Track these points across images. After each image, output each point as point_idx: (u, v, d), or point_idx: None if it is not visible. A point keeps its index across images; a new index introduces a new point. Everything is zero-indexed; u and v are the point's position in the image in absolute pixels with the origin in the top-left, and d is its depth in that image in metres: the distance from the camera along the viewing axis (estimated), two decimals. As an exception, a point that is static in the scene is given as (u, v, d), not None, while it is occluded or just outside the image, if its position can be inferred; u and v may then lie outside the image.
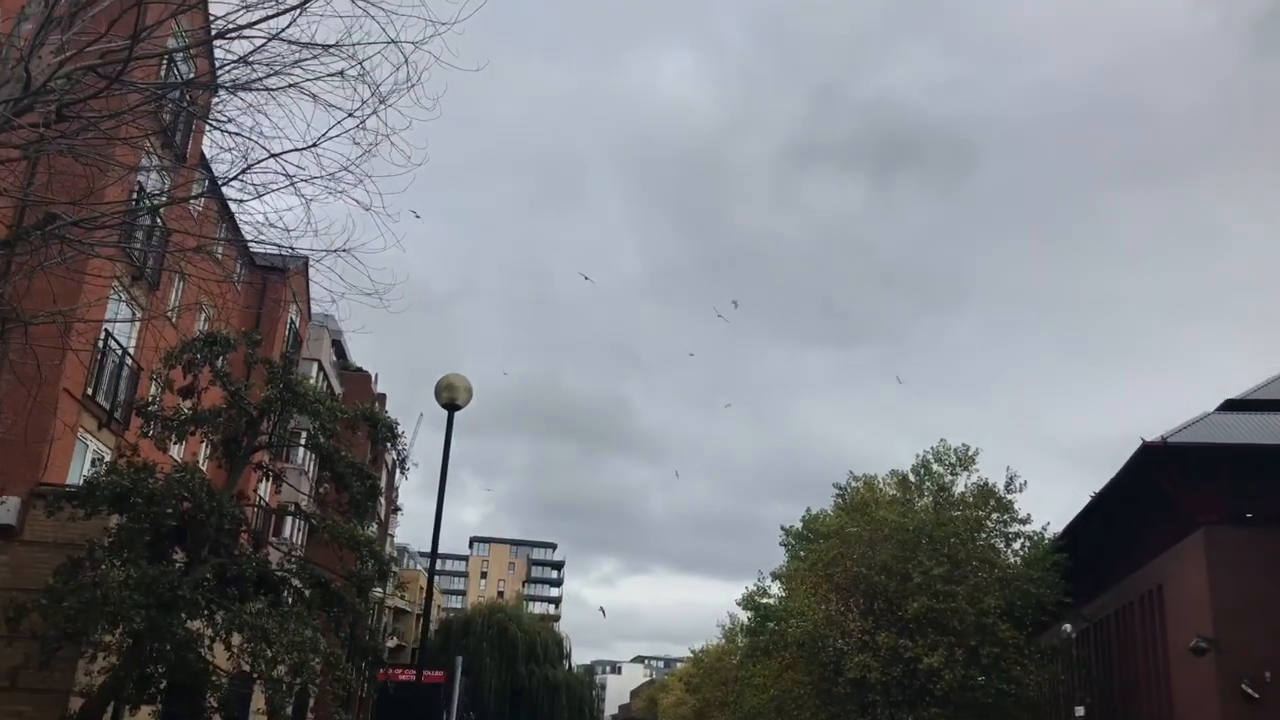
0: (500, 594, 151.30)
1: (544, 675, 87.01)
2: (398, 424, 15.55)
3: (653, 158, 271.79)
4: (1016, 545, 55.03)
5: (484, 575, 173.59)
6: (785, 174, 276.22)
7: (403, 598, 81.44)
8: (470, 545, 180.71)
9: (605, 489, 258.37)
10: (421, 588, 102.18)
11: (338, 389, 49.58)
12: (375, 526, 24.34)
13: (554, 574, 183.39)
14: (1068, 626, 49.24)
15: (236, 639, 13.05)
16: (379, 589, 21.37)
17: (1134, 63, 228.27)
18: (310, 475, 30.69)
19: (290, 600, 15.16)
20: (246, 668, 13.54)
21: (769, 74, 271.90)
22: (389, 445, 16.25)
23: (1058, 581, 50.71)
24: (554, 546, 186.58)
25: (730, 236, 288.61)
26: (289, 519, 16.86)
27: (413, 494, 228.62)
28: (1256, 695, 39.00)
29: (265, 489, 23.59)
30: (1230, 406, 46.59)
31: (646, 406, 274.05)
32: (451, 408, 14.67)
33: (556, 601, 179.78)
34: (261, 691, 13.91)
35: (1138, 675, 50.99)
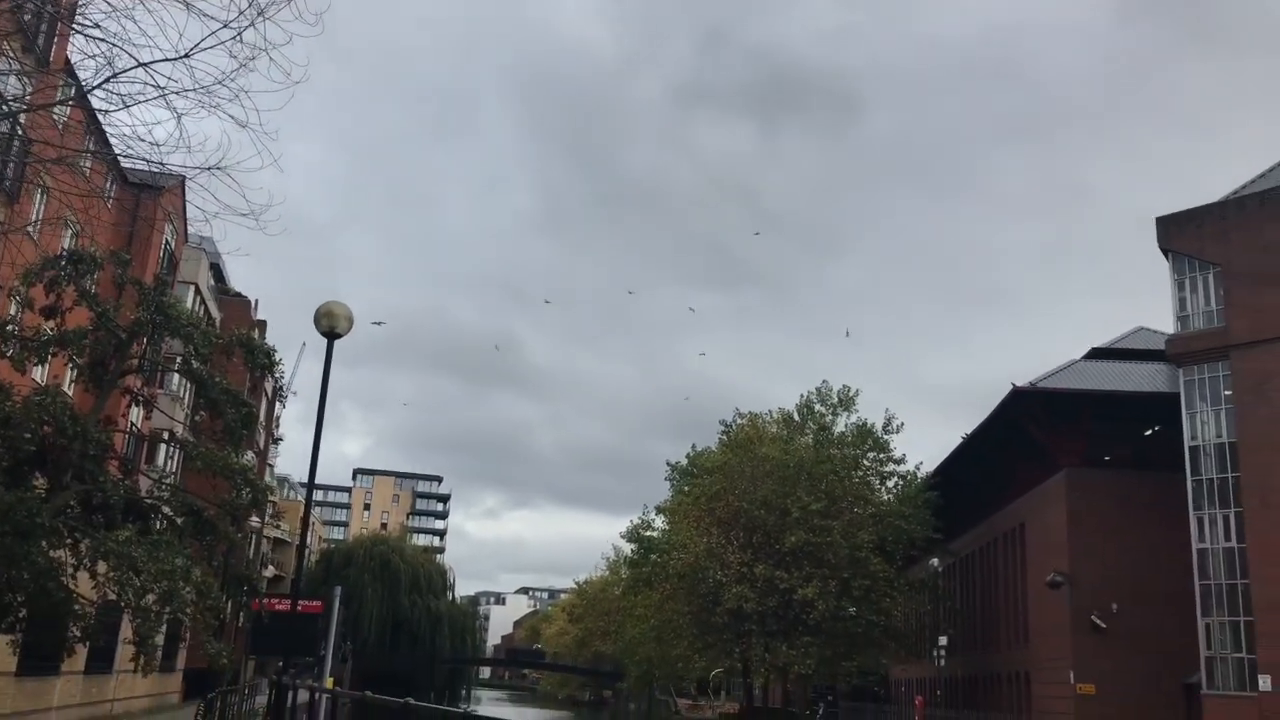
0: (384, 526, 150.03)
1: (427, 606, 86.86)
2: (275, 351, 15.09)
3: (548, 94, 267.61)
4: (891, 483, 57.01)
5: (367, 507, 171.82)
6: (676, 116, 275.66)
7: (279, 527, 79.99)
8: (354, 477, 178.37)
9: (491, 424, 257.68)
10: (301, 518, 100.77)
11: (215, 314, 47.90)
12: (252, 456, 23.80)
13: (439, 507, 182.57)
14: (935, 561, 51.47)
15: (103, 568, 12.63)
16: (255, 518, 20.91)
17: (1016, 23, 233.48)
18: (184, 402, 29.78)
19: (161, 528, 14.73)
20: (114, 597, 13.13)
21: (662, 15, 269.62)
22: (267, 373, 15.80)
23: (928, 518, 52.83)
24: (439, 480, 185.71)
25: (623, 176, 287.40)
26: (162, 446, 16.30)
27: (294, 425, 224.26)
28: (1104, 626, 41.59)
29: (137, 415, 22.75)
30: (1095, 355, 48.89)
31: (534, 343, 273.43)
32: (331, 336, 14.32)
33: (441, 534, 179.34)
34: (130, 621, 13.54)
35: (998, 607, 53.78)
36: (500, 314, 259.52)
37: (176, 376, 23.02)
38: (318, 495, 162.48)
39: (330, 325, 14.33)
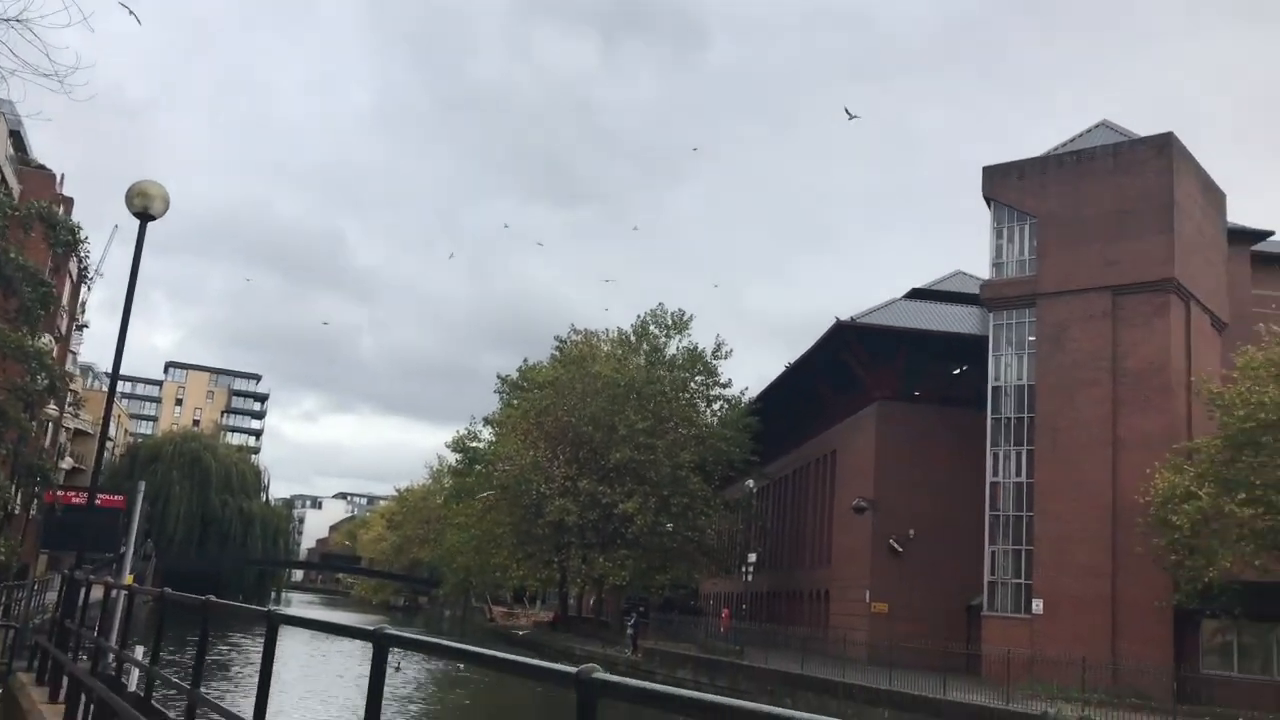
0: (196, 423, 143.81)
1: (239, 506, 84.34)
2: (80, 229, 13.97)
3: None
4: (715, 406, 58.64)
5: (179, 403, 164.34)
6: (520, 25, 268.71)
7: (78, 416, 75.59)
8: (165, 370, 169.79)
9: (313, 325, 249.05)
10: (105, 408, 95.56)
11: (14, 185, 44.15)
12: (51, 340, 22.21)
13: (256, 406, 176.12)
14: (750, 482, 53.34)
15: None
16: (52, 406, 19.52)
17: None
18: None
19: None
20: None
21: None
22: (70, 253, 14.65)
23: (747, 442, 54.69)
24: (258, 378, 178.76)
25: (465, 83, 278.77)
26: None
27: (101, 312, 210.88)
28: (900, 550, 44.26)
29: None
30: (915, 295, 51.09)
31: (362, 245, 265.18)
32: (144, 217, 13.36)
33: (258, 434, 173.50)
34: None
35: (805, 529, 56.43)
36: (329, 213, 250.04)
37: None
38: (124, 387, 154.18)
39: (144, 205, 13.38)
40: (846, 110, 43.76)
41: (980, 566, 38.88)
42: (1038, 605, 36.20)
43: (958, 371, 44.14)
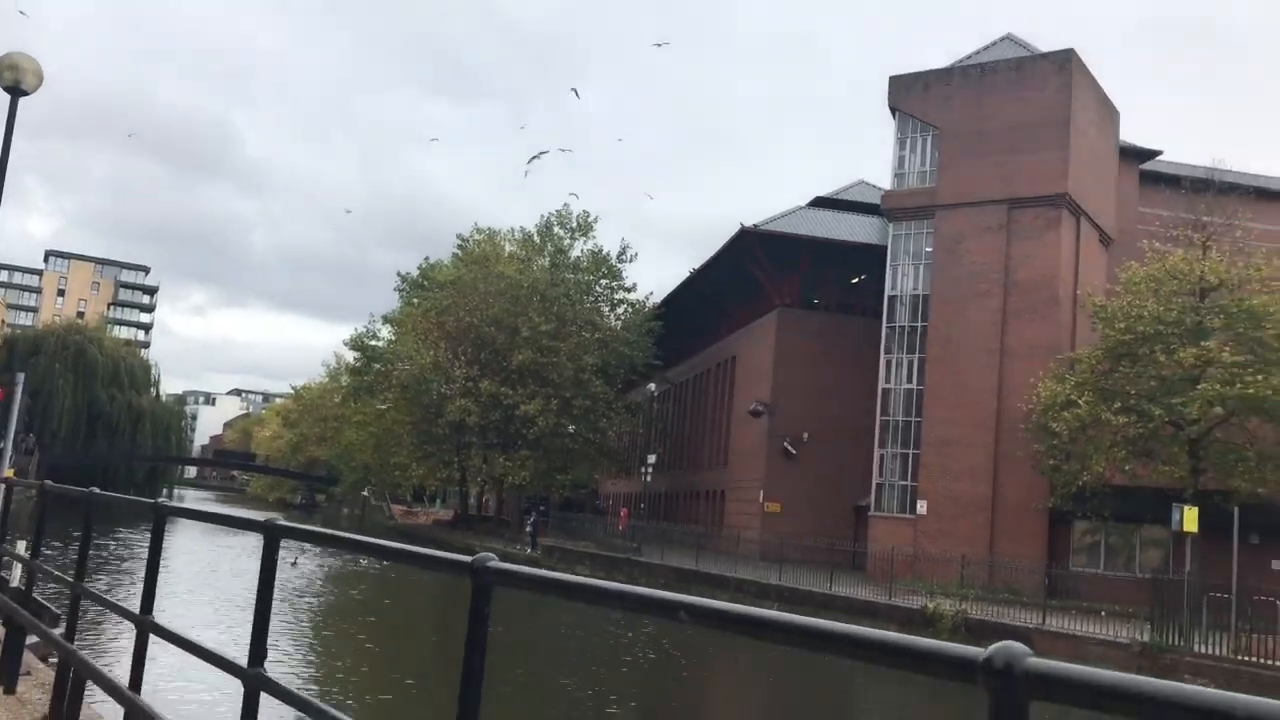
0: (81, 316, 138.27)
1: (127, 401, 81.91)
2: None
3: None
4: (620, 310, 58.73)
5: (61, 294, 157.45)
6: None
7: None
8: (45, 260, 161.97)
9: (201, 216, 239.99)
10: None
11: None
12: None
13: (145, 299, 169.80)
14: (652, 386, 53.93)
15: None
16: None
17: None
18: None
19: None
20: None
21: None
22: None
23: (650, 346, 55.09)
24: (146, 270, 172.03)
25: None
26: None
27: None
28: (794, 452, 45.47)
29: None
30: (818, 203, 51.56)
31: (253, 135, 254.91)
32: (15, 91, 12.54)
33: (147, 328, 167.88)
34: None
35: (704, 432, 57.47)
36: (217, 100, 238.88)
37: None
38: (0, 276, 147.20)
39: (14, 79, 12.54)
40: (657, 43, 43.12)
41: (869, 469, 40.21)
42: (922, 506, 37.70)
43: (856, 280, 44.90)
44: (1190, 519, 24.41)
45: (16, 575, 12.09)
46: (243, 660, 3.87)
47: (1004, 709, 1.48)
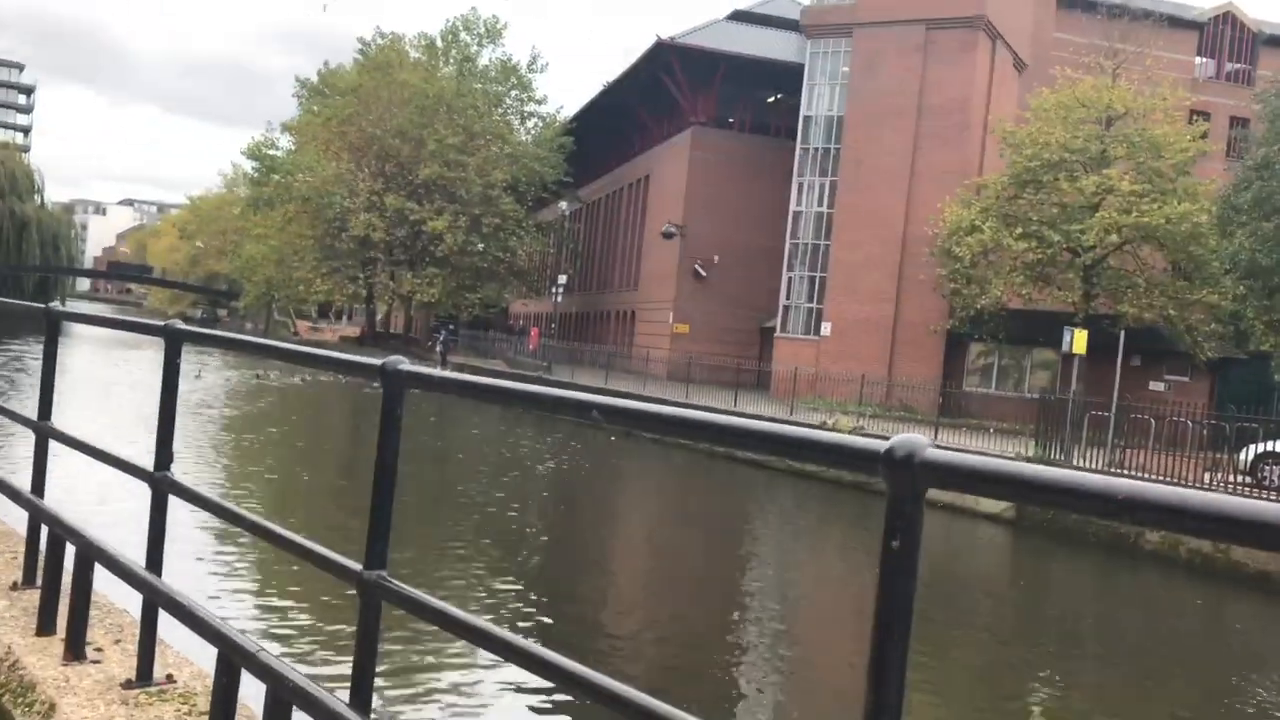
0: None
1: (10, 209, 78.00)
2: None
3: None
4: (530, 124, 57.23)
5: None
6: None
7: None
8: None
9: (66, 9, 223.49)
10: None
11: None
12: None
13: (21, 100, 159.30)
14: (564, 204, 53.33)
15: None
16: None
17: None
18: None
19: None
20: None
21: None
22: None
23: (561, 163, 54.04)
24: (20, 68, 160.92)
25: None
26: None
27: None
28: (704, 274, 45.82)
29: None
30: (738, 17, 50.15)
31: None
32: None
33: (26, 131, 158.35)
34: None
35: (616, 252, 57.36)
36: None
37: None
38: None
39: None
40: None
41: (777, 292, 40.82)
42: (826, 328, 38.62)
43: (773, 100, 44.34)
44: (1079, 341, 25.51)
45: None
46: (148, 466, 3.82)
47: (903, 498, 1.54)
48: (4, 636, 4.26)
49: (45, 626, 4.26)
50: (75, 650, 4.01)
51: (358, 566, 2.61)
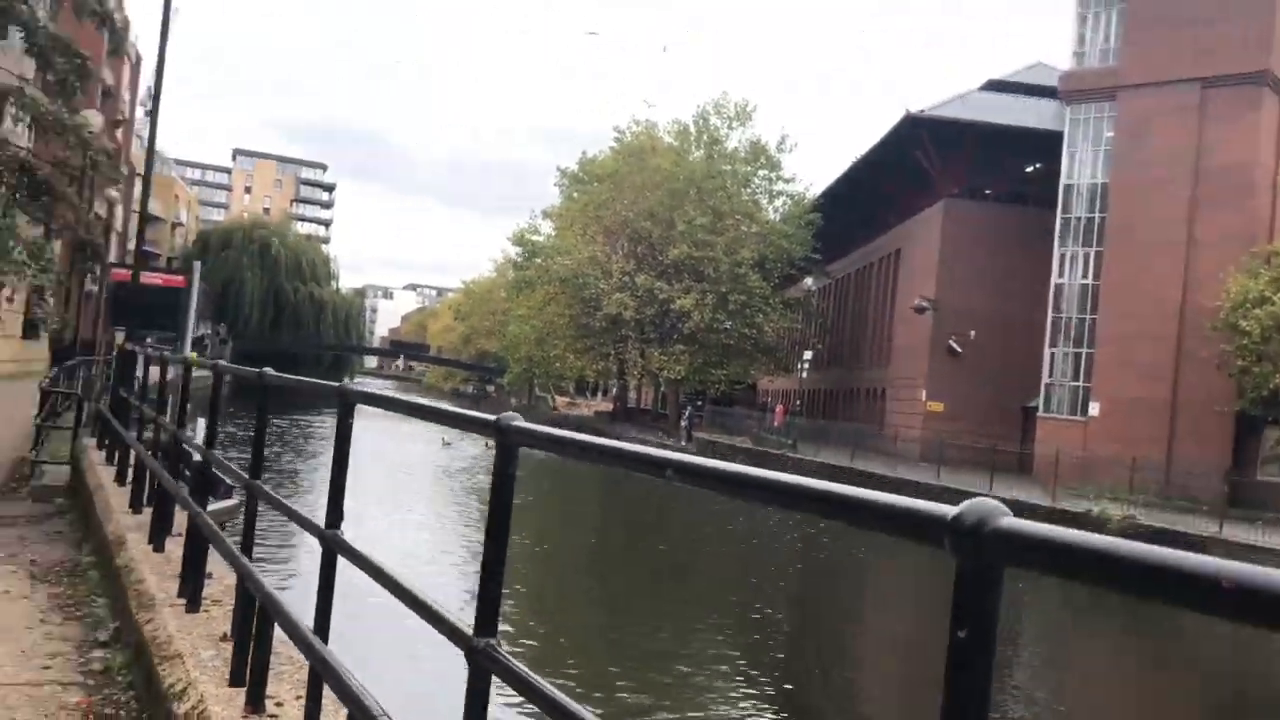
0: (266, 212, 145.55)
1: (310, 293, 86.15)
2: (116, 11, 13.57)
3: None
4: (778, 203, 57.52)
5: (249, 191, 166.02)
6: None
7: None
8: (233, 158, 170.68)
9: (369, 118, 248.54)
10: (177, 195, 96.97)
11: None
12: (98, 119, 22.10)
13: (324, 196, 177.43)
14: (809, 280, 52.95)
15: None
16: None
17: None
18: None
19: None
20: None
21: None
22: (100, 22, 14.26)
23: (809, 239, 53.80)
24: (324, 167, 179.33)
25: None
26: (6, 110, 14.56)
27: (174, 104, 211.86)
28: (959, 350, 43.99)
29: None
30: (992, 87, 48.61)
31: (416, 37, 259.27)
32: (171, -16, 13.02)
33: (327, 224, 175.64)
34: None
35: (866, 328, 56.26)
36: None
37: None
38: (194, 174, 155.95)
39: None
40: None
41: (1039, 369, 38.56)
42: (1095, 408, 35.99)
43: (1031, 169, 42.45)
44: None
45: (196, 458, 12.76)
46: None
47: (973, 575, 1.24)
48: (200, 684, 4.47)
49: (237, 678, 4.44)
50: (255, 703, 4.13)
51: (468, 629, 2.50)
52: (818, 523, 26.75)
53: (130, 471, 9.76)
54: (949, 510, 1.26)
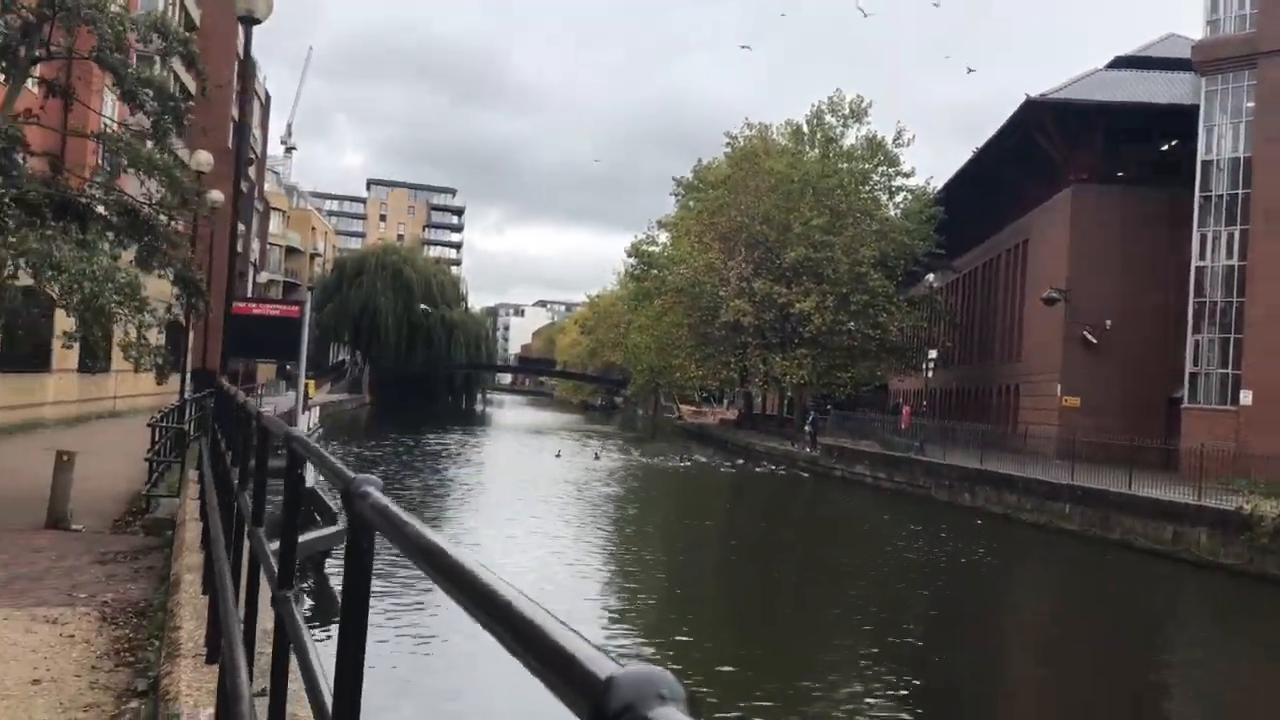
0: (400, 238, 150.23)
1: (441, 315, 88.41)
2: (193, 39, 13.96)
3: None
4: (898, 199, 56.00)
5: (383, 219, 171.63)
6: None
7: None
8: (367, 187, 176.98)
9: (483, 139, 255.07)
10: (314, 227, 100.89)
11: (195, 11, 45.58)
12: (201, 156, 22.90)
13: (454, 219, 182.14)
14: (932, 276, 51.21)
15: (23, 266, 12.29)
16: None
17: None
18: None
19: (97, 230, 14.26)
20: (54, 294, 12.87)
21: None
22: (188, 64, 14.70)
23: (931, 235, 52.13)
24: (453, 192, 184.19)
25: None
26: (99, 147, 15.29)
27: (306, 137, 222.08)
28: (1095, 341, 41.81)
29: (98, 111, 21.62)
30: (1119, 64, 46.20)
31: (521, 56, 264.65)
32: (249, 21, 13.26)
33: (457, 247, 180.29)
34: (72, 318, 13.34)
35: (994, 323, 54.14)
36: (487, 27, 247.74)
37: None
38: (331, 205, 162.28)
39: (247, 9, 13.22)
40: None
41: (1181, 357, 36.30)
42: (1246, 396, 33.63)
43: (1165, 148, 40.09)
44: None
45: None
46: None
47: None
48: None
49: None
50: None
51: None
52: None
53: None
54: (598, 675, 0.85)
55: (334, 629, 12.88)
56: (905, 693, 12.24)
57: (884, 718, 11.09)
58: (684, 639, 14.03)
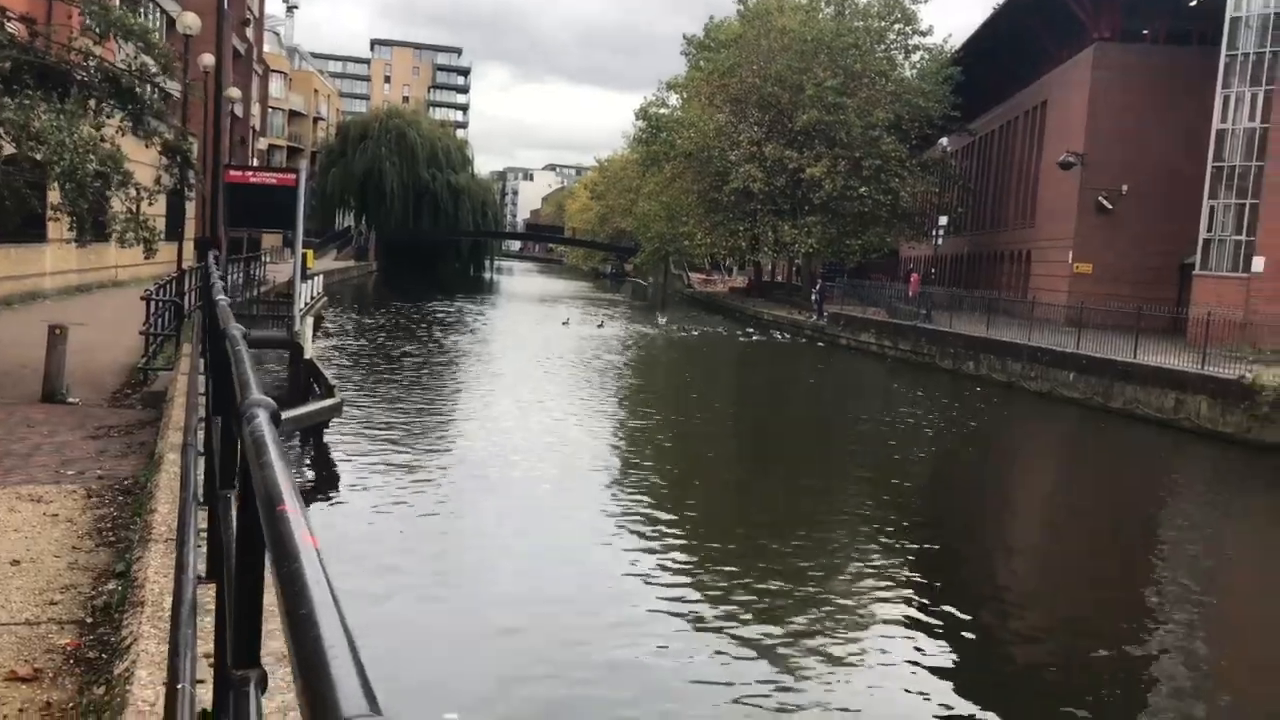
0: (405, 100, 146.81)
1: (447, 180, 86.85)
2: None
3: None
4: (915, 58, 54.34)
5: (388, 80, 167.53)
6: None
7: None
8: (371, 47, 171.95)
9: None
10: (316, 90, 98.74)
11: None
12: (191, 17, 22.09)
13: (460, 81, 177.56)
14: (944, 141, 50.12)
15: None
16: (167, 83, 19.45)
17: None
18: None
19: (77, 97, 13.84)
20: (38, 159, 12.59)
21: None
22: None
23: (948, 96, 50.72)
24: (459, 52, 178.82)
25: None
26: (83, 10, 14.63)
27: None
28: (1110, 206, 41.11)
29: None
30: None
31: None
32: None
33: (464, 109, 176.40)
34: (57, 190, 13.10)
35: (1009, 187, 53.16)
36: None
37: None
38: (334, 66, 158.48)
39: None
40: None
41: (1196, 223, 35.67)
42: (1258, 263, 33.14)
43: (1194, 3, 38.48)
44: None
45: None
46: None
47: None
48: (144, 647, 4.29)
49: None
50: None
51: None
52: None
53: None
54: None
55: (323, 503, 13.04)
56: (902, 559, 12.41)
57: (878, 571, 11.27)
58: (684, 500, 14.19)
